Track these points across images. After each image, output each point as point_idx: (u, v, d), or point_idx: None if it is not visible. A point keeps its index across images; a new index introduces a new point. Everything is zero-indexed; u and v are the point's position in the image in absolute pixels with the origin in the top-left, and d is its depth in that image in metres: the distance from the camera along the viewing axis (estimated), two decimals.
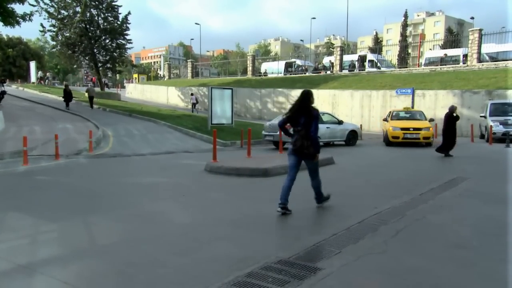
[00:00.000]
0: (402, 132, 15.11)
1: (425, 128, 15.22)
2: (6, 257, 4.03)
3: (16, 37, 51.15)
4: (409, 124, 15.59)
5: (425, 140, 15.07)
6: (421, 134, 15.00)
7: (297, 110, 5.67)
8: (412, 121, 15.91)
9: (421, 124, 15.47)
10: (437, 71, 26.61)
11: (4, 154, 11.43)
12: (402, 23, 76.03)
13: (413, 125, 15.39)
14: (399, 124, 15.75)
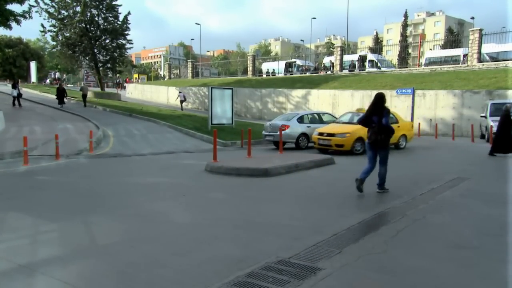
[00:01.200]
0: (318, 137, 13.31)
1: (339, 134, 12.76)
2: (6, 257, 4.03)
3: (16, 37, 51.15)
4: (330, 129, 13.55)
5: (337, 148, 12.68)
6: (333, 140, 12.74)
7: (372, 110, 6.86)
8: (343, 126, 13.53)
9: (341, 130, 13.05)
10: (438, 71, 26.61)
11: (4, 154, 11.43)
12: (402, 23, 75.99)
13: (329, 130, 13.27)
14: (323, 128, 13.90)
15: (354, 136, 12.55)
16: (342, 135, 12.67)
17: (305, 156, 11.24)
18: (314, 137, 13.42)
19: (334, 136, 12.74)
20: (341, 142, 12.60)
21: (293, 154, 12.18)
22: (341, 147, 12.63)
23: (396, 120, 13.91)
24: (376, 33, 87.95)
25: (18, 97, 23.38)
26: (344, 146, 12.62)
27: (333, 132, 12.91)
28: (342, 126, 13.31)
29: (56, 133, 11.93)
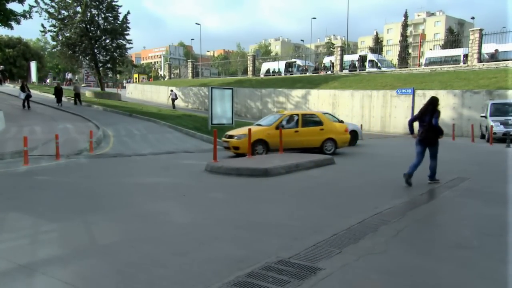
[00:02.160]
0: (223, 139, 12.87)
1: (237, 136, 12.25)
2: (7, 257, 4.03)
3: (16, 37, 51.14)
4: (235, 131, 13.23)
5: (235, 150, 12.20)
6: (231, 142, 12.29)
7: (424, 111, 7.68)
8: (248, 128, 12.47)
9: (241, 132, 12.57)
10: (438, 71, 26.61)
11: (4, 154, 11.44)
12: (403, 23, 76.01)
13: (232, 132, 12.91)
14: (233, 130, 13.65)
15: (252, 138, 11.67)
16: (239, 137, 12.11)
17: (305, 156, 11.24)
18: (222, 139, 12.95)
19: (232, 138, 12.29)
20: (237, 144, 12.08)
21: (293, 154, 12.17)
22: (237, 149, 12.10)
23: (321, 122, 13.03)
24: (376, 33, 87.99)
25: (27, 99, 23.05)
26: (240, 148, 11.95)
27: (233, 134, 12.53)
28: (245, 129, 12.46)
29: (56, 133, 11.94)
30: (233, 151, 12.29)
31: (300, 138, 12.57)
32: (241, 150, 11.93)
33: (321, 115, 13.72)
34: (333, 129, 13.14)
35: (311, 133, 12.69)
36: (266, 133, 12.26)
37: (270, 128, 12.41)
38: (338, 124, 13.87)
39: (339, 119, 16.69)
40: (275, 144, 12.08)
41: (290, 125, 12.78)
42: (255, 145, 11.94)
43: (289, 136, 12.30)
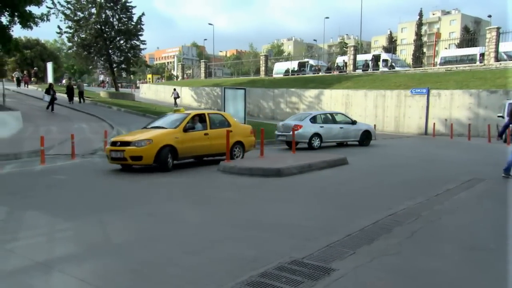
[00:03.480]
0: (110, 148, 9.79)
1: (136, 143, 9.38)
2: (25, 254, 4.12)
3: (34, 38, 52.16)
4: (127, 136, 10.47)
5: (135, 161, 9.49)
6: (127, 151, 9.31)
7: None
8: (147, 131, 10.30)
9: (140, 136, 9.77)
10: (453, 70, 26.20)
11: (22, 153, 11.66)
12: (417, 22, 74.97)
13: (125, 138, 10.01)
14: (119, 136, 11.40)
15: (159, 144, 9.44)
16: (139, 143, 9.34)
17: (318, 156, 11.20)
18: (107, 148, 10.02)
19: (129, 146, 9.37)
20: (138, 153, 9.28)
21: (306, 154, 12.14)
22: (139, 159, 9.38)
23: (228, 123, 11.24)
24: (390, 32, 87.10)
25: (52, 102, 22.87)
26: (144, 158, 9.34)
27: (129, 140, 9.59)
28: (146, 132, 10.15)
29: (71, 133, 12.12)
30: (130, 163, 9.50)
31: (211, 142, 10.54)
32: (145, 161, 9.38)
33: (227, 114, 12.14)
34: (240, 131, 11.37)
35: (222, 136, 10.37)
36: (174, 138, 9.83)
37: (177, 131, 10.01)
38: (243, 125, 12.31)
39: (352, 119, 16.58)
40: (186, 151, 10.03)
41: (199, 127, 10.58)
42: (160, 152, 9.46)
43: (199, 140, 10.31)
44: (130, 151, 9.31)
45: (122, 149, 9.37)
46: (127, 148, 9.35)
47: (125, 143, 9.52)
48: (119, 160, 9.53)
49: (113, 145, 9.72)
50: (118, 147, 9.50)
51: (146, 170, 9.79)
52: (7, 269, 3.79)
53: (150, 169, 9.80)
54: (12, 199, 6.66)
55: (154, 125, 10.77)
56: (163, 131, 10.05)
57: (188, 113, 10.84)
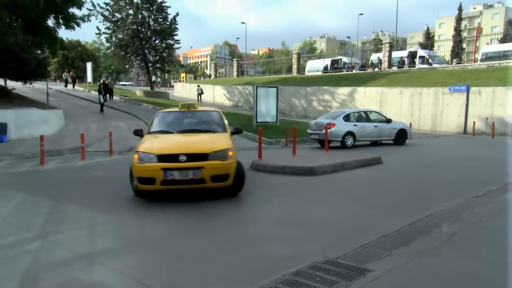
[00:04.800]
0: (162, 165, 6.05)
1: (219, 154, 6.26)
2: (68, 247, 4.32)
3: (75, 40, 54.42)
4: (181, 144, 6.63)
5: (217, 184, 6.28)
6: (208, 169, 6.08)
7: None
8: (193, 137, 7.13)
9: (207, 144, 6.49)
10: (495, 66, 25.03)
11: (64, 150, 12.20)
12: (456, 17, 72.05)
13: (186, 148, 6.32)
14: (161, 145, 6.63)
15: (235, 156, 6.56)
16: (225, 155, 6.26)
17: (351, 155, 11.03)
18: (148, 168, 6.07)
19: (207, 159, 6.12)
20: (224, 170, 6.22)
21: (339, 153, 11.99)
22: (224, 179, 6.26)
23: None
24: (427, 28, 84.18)
25: (104, 103, 23.19)
26: (229, 177, 6.33)
27: (202, 151, 6.21)
28: (205, 138, 6.93)
29: (109, 131, 12.55)
30: (210, 185, 6.24)
31: None
32: (229, 181, 6.38)
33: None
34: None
35: None
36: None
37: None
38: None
39: (387, 117, 16.20)
40: None
41: None
42: None
43: None
44: (213, 168, 6.09)
45: (198, 166, 6.01)
46: (207, 163, 6.06)
47: (199, 156, 6.12)
48: (189, 183, 6.11)
49: (172, 160, 6.03)
50: (187, 163, 6.02)
51: None
52: (52, 260, 3.99)
53: None
54: (55, 193, 6.99)
55: (172, 123, 7.76)
56: (224, 136, 7.09)
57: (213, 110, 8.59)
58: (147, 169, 6.05)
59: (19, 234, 4.75)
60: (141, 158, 6.16)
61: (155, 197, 6.49)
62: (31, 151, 11.50)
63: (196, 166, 6.04)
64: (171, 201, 6.46)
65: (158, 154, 6.13)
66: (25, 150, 11.80)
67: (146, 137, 7.18)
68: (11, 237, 4.66)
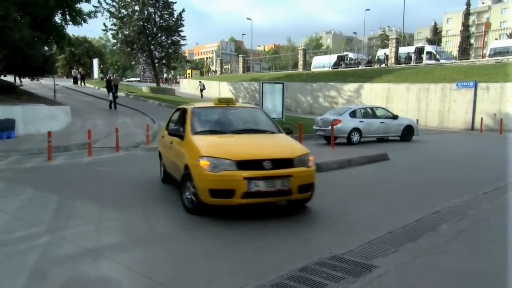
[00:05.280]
0: (245, 175, 4.85)
1: (299, 160, 5.26)
2: (76, 241, 4.36)
3: (81, 36, 54.67)
4: (259, 148, 5.52)
5: (303, 195, 5.27)
6: (296, 177, 5.05)
7: None
8: (259, 139, 6.09)
9: (286, 148, 5.58)
10: (504, 62, 24.73)
11: (71, 146, 12.28)
12: (464, 12, 71.26)
13: (271, 153, 5.24)
14: (233, 148, 5.42)
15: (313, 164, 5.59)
16: (306, 160, 5.37)
17: (358, 151, 10.99)
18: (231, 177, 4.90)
19: (292, 166, 5.14)
20: (311, 179, 5.34)
21: (345, 149, 11.95)
22: (308, 190, 5.31)
23: None
24: (434, 23, 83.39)
25: (114, 99, 22.86)
26: (312, 186, 5.43)
27: (284, 156, 5.24)
28: (272, 141, 5.98)
29: (116, 127, 12.60)
30: (296, 197, 5.26)
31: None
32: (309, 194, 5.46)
33: None
34: None
35: None
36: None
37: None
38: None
39: (393, 114, 16.10)
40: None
41: None
42: None
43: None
44: (301, 177, 5.10)
45: (286, 173, 4.98)
46: (295, 171, 5.07)
47: (284, 162, 5.10)
48: (275, 195, 5.03)
49: (255, 167, 4.91)
50: (273, 170, 4.94)
51: None
52: (60, 255, 4.03)
53: None
54: (63, 188, 7.04)
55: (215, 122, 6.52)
56: (285, 138, 6.18)
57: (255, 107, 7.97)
58: (224, 178, 4.87)
59: (27, 229, 4.80)
60: (214, 165, 4.94)
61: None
62: (39, 147, 11.59)
63: (284, 174, 4.97)
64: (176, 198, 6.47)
65: (237, 160, 4.92)
66: (32, 146, 11.89)
67: (194, 138, 5.70)
68: (19, 232, 4.71)
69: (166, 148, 7.05)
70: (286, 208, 5.76)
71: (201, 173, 5.01)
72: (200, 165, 5.03)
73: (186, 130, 6.01)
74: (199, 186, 5.05)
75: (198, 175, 5.06)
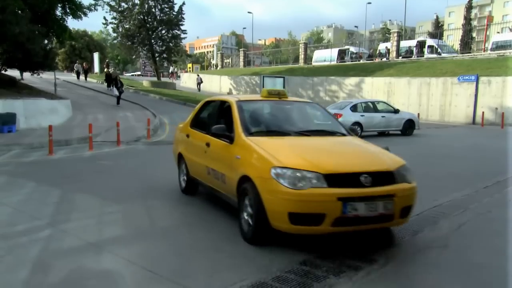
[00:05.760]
0: (340, 194, 3.57)
1: (398, 173, 3.94)
2: (78, 235, 4.38)
3: (82, 30, 54.51)
4: (343, 158, 4.22)
5: (402, 220, 3.96)
6: (397, 198, 3.74)
7: None
8: (330, 142, 4.85)
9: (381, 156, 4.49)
10: (506, 56, 24.63)
11: (72, 140, 12.29)
12: (466, 5, 70.86)
13: (368, 164, 4.04)
14: (309, 156, 3.99)
15: None
16: (408, 173, 4.15)
17: None
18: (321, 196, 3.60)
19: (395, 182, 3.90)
20: (413, 199, 4.06)
21: None
22: (408, 212, 4.02)
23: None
24: (436, 16, 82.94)
25: (120, 95, 22.46)
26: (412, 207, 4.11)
27: (384, 168, 3.99)
28: (348, 147, 4.87)
29: (117, 121, 12.59)
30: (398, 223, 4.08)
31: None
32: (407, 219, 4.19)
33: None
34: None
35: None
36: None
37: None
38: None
39: (395, 108, 16.07)
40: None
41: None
42: None
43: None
44: (405, 196, 3.93)
45: (388, 192, 3.79)
46: (397, 189, 3.87)
47: (385, 176, 3.92)
48: (375, 221, 3.77)
49: (350, 183, 3.72)
50: (372, 188, 3.75)
51: None
52: (62, 248, 4.05)
53: None
54: (64, 182, 7.05)
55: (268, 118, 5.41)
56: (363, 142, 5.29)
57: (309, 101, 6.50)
58: (311, 199, 3.56)
59: (29, 222, 4.82)
60: (296, 179, 3.64)
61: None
62: (40, 141, 11.60)
63: (387, 192, 3.71)
64: (177, 191, 6.49)
65: (327, 173, 3.65)
66: (34, 140, 11.90)
67: (253, 141, 4.37)
68: (22, 225, 4.73)
69: (195, 151, 5.73)
70: None
71: (277, 191, 3.67)
72: (274, 179, 3.71)
73: (236, 130, 4.69)
74: (272, 207, 3.73)
75: (272, 193, 3.72)
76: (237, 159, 4.39)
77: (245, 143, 4.43)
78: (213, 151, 5.10)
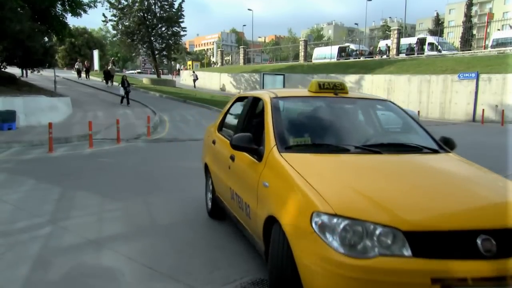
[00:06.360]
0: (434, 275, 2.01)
1: None
2: (78, 232, 4.38)
3: (81, 27, 54.42)
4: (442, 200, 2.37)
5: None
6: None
7: None
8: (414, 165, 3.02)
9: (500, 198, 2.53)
10: (506, 53, 24.62)
11: (72, 137, 12.29)
12: (467, 2, 70.66)
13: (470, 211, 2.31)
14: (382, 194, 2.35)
15: None
16: None
17: None
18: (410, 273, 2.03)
19: None
20: None
21: None
22: None
23: None
24: (436, 14, 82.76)
25: (127, 95, 22.01)
26: None
27: None
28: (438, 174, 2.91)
29: (117, 118, 12.59)
30: None
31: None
32: None
33: None
34: None
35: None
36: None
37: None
38: None
39: None
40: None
41: None
42: None
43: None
44: None
45: None
46: None
47: None
48: None
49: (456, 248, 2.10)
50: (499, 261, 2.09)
51: None
52: (62, 245, 4.06)
53: None
54: (64, 180, 7.06)
55: None
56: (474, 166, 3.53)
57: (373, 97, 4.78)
58: (383, 277, 2.05)
59: (29, 220, 4.83)
60: (356, 237, 2.13)
61: None
62: (40, 138, 11.60)
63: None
64: (178, 188, 6.51)
65: (413, 230, 2.13)
66: (33, 137, 11.90)
67: (289, 160, 2.89)
68: (22, 222, 4.74)
69: (219, 164, 4.30)
70: None
71: (320, 255, 2.18)
72: (316, 233, 2.22)
73: (266, 141, 3.23)
74: (311, 282, 2.25)
75: (312, 256, 2.23)
76: (265, 188, 2.91)
77: (277, 163, 2.95)
78: (238, 169, 3.64)
